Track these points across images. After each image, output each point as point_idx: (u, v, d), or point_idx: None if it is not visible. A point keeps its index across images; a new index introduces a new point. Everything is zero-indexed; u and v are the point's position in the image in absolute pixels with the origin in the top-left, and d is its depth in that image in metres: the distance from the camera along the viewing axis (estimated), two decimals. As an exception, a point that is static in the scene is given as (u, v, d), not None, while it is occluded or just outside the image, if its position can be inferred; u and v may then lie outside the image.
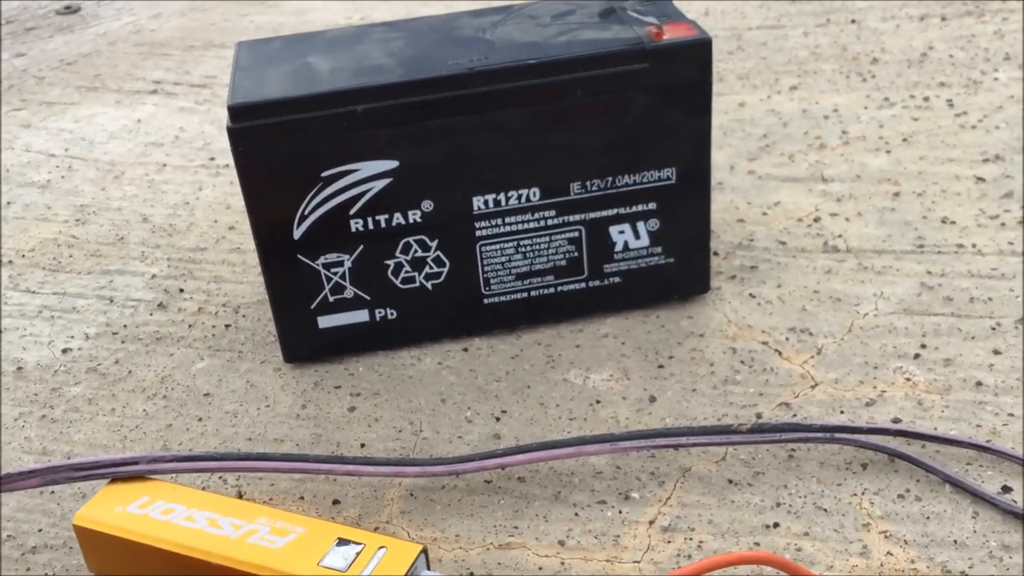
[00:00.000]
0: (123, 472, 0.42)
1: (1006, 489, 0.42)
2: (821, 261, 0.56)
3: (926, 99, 0.71)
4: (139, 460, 0.43)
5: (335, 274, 0.51)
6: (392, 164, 0.49)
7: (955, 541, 0.40)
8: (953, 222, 0.58)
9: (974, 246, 0.56)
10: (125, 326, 0.57)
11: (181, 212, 0.68)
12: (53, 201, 0.71)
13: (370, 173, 0.49)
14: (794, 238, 0.59)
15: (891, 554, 0.39)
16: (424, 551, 0.39)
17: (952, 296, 0.53)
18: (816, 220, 0.60)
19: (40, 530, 0.44)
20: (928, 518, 0.41)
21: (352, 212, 0.49)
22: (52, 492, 0.46)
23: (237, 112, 0.47)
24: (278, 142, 0.47)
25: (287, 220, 0.49)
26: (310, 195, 0.49)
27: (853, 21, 0.83)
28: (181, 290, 0.60)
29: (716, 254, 0.58)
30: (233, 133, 0.47)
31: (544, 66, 0.48)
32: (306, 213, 0.49)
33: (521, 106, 0.48)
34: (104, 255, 0.64)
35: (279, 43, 0.53)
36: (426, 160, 0.49)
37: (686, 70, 0.49)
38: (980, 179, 0.61)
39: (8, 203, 0.71)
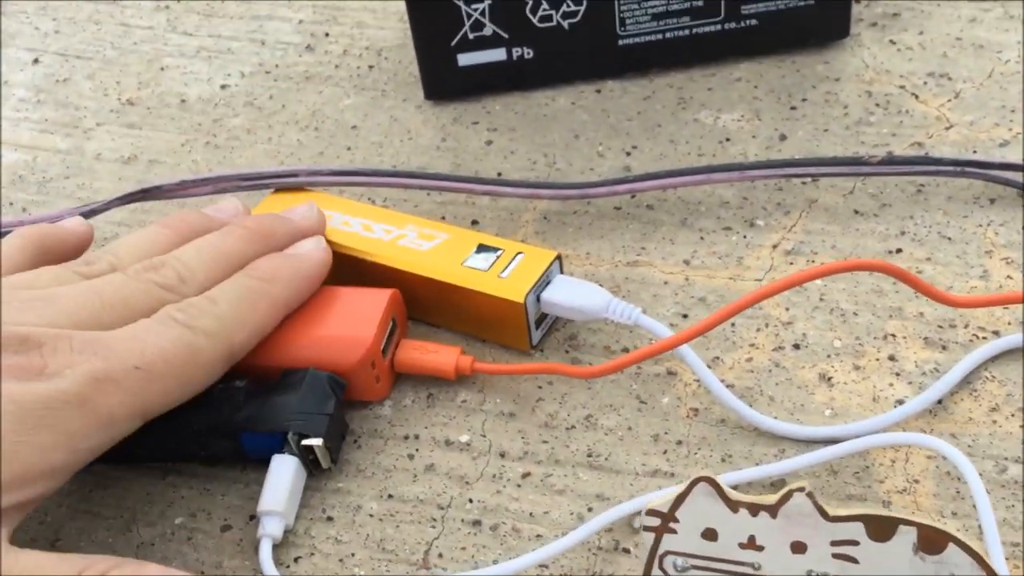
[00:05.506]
0: (285, 183, 0.46)
1: None
2: (966, 10, 0.55)
3: None
4: (299, 172, 0.47)
5: (475, 11, 0.52)
6: None
7: (1077, 269, 0.40)
8: (1118, -31, 0.55)
9: None
10: (277, 66, 0.60)
11: (323, -37, 0.70)
12: (202, -47, 0.74)
13: (511, -95, 0.49)
14: (942, -14, 0.57)
15: (1011, 277, 0.40)
16: (559, 257, 0.42)
17: (1106, 42, 0.51)
18: (968, -32, 0.58)
19: (212, 237, 0.49)
20: (1052, 248, 0.41)
21: (493, -54, 0.50)
22: (220, 208, 0.51)
23: None
24: None
25: (430, -45, 0.50)
26: (452, -72, 0.50)
27: None
28: (327, 34, 0.62)
29: (858, 0, 0.57)
30: None
31: None
32: (448, -53, 0.50)
33: None
34: (253, 1, 0.67)
35: None
36: None
37: None
38: None
39: (160, -45, 0.74)
